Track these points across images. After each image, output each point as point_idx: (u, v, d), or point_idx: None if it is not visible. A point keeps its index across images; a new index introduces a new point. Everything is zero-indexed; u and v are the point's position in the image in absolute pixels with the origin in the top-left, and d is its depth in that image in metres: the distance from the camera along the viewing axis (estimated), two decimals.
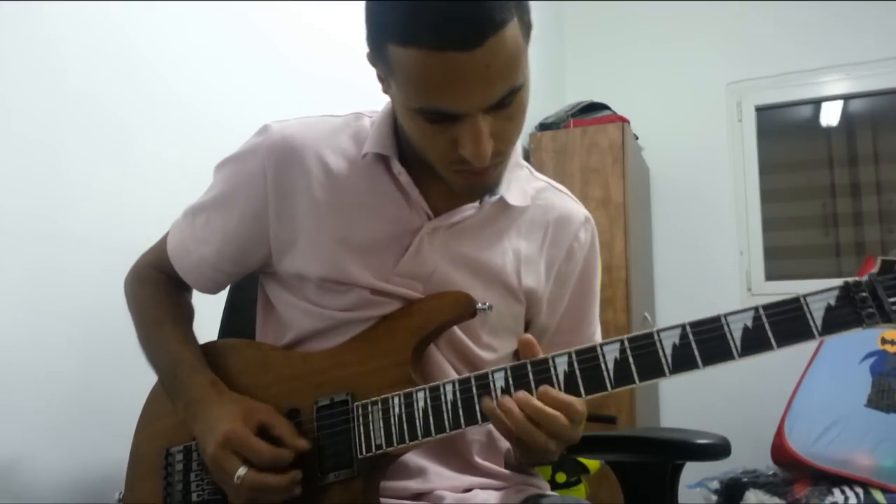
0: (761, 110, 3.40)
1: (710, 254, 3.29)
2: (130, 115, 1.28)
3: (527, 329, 0.99)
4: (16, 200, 1.08)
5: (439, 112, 0.73)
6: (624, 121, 2.96)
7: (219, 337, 1.15)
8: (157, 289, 1.00)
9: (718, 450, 1.07)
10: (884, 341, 2.34)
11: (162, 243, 1.00)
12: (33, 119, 1.11)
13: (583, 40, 3.69)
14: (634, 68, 3.53)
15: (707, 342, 0.72)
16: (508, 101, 0.76)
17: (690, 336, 0.73)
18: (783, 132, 3.46)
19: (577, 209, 1.00)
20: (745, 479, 2.34)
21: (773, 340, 0.70)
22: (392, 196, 0.89)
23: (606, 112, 3.05)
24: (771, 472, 2.40)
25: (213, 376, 0.90)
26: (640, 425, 2.72)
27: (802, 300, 0.71)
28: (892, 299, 0.69)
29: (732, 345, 0.71)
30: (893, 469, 2.14)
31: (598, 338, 1.03)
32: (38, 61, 1.12)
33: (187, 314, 1.01)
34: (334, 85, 1.76)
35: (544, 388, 0.75)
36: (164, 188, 1.30)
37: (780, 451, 2.33)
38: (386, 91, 0.83)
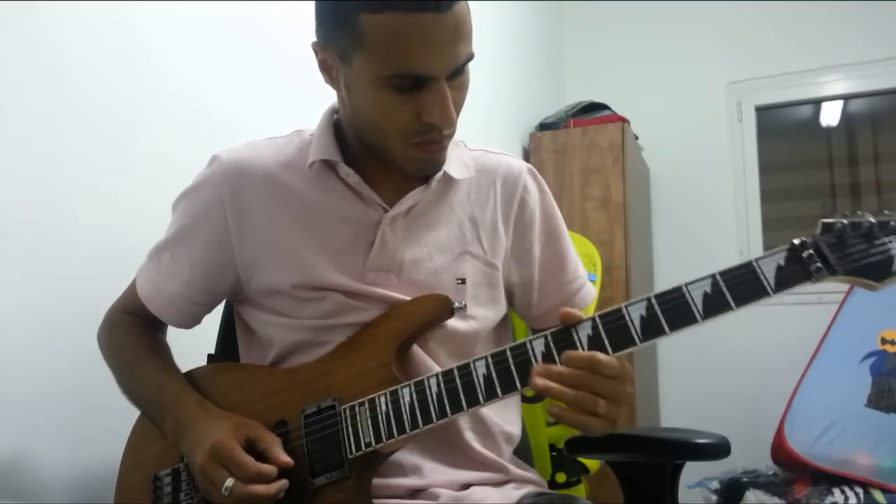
0: (761, 110, 3.40)
1: (710, 254, 3.29)
2: (130, 116, 1.28)
3: (512, 293, 1.02)
4: (15, 201, 1.08)
5: (411, 75, 0.78)
6: (624, 121, 2.96)
7: (214, 357, 1.15)
8: (131, 330, 1.01)
9: (718, 449, 1.07)
10: (884, 341, 2.34)
11: (131, 289, 1.02)
12: (33, 120, 1.11)
13: (583, 40, 3.69)
14: (634, 68, 3.53)
15: (672, 310, 0.77)
16: (463, 70, 0.83)
17: (656, 306, 0.77)
18: (783, 132, 3.46)
19: (516, 163, 1.04)
20: (745, 479, 2.34)
21: (731, 302, 0.75)
22: (346, 197, 0.93)
23: (606, 112, 3.06)
24: (771, 472, 2.40)
25: (199, 396, 0.91)
26: (640, 425, 2.72)
27: (754, 263, 0.77)
28: (835, 255, 0.75)
29: (695, 309, 0.76)
30: (893, 469, 2.14)
31: (581, 274, 1.06)
32: (37, 62, 1.12)
33: (164, 350, 1.02)
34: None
35: (566, 353, 0.76)
36: (163, 189, 1.29)
37: (780, 451, 2.33)
38: (332, 80, 0.88)
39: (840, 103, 3.36)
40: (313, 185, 0.93)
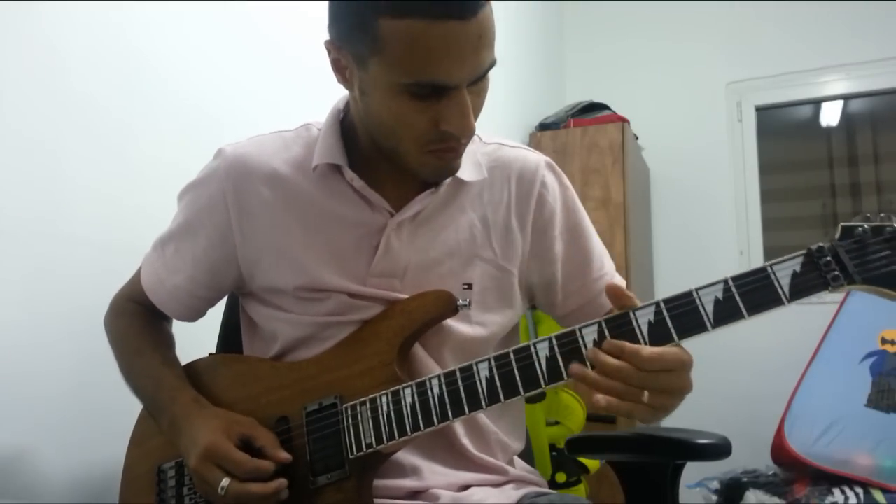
0: (761, 110, 3.40)
1: (710, 254, 3.29)
2: (130, 116, 1.28)
3: (533, 294, 0.99)
4: (16, 201, 1.08)
5: (431, 84, 0.75)
6: (624, 121, 2.96)
7: (217, 351, 1.16)
8: (135, 319, 1.00)
9: (719, 450, 1.07)
10: (884, 341, 2.34)
11: (136, 278, 1.02)
12: (33, 120, 1.11)
13: (583, 40, 3.69)
14: (634, 68, 3.53)
15: (681, 316, 0.74)
16: (483, 76, 0.79)
17: (665, 312, 0.75)
18: (783, 132, 3.45)
19: (533, 156, 0.99)
20: (745, 479, 2.34)
21: (743, 310, 0.72)
22: (352, 200, 0.91)
23: (606, 112, 3.06)
24: (771, 472, 2.39)
25: (195, 393, 0.91)
26: (641, 425, 2.71)
27: (769, 269, 0.73)
28: (854, 262, 0.71)
29: (705, 317, 0.73)
30: (893, 469, 2.14)
31: (608, 269, 1.00)
32: (37, 62, 1.12)
33: (167, 341, 1.02)
34: (334, 84, 1.76)
35: (608, 341, 0.74)
36: (163, 189, 1.29)
37: (780, 451, 2.33)
38: (345, 80, 0.85)
39: (840, 103, 3.36)
40: (318, 187, 0.91)
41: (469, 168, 0.93)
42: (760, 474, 2.39)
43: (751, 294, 0.73)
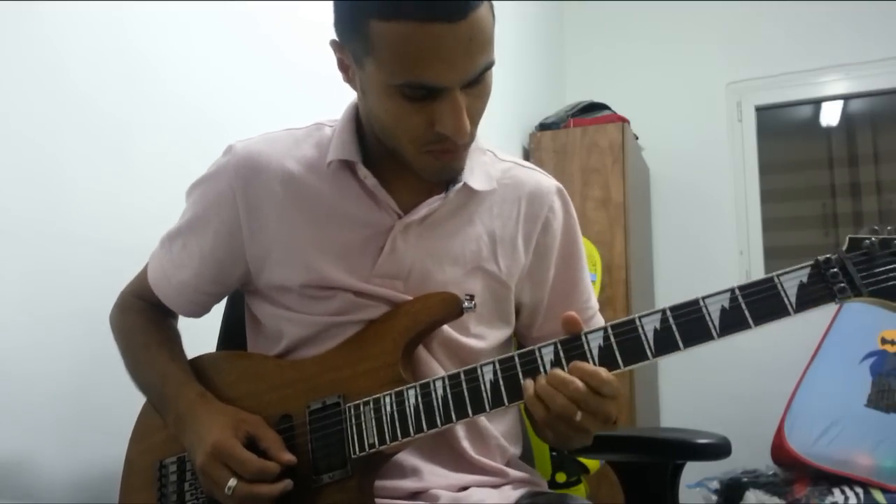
0: (761, 110, 3.40)
1: (710, 254, 3.29)
2: (130, 116, 1.28)
3: (518, 312, 1.00)
4: (15, 201, 1.08)
5: (422, 86, 0.75)
6: (624, 121, 2.96)
7: (217, 348, 1.16)
8: (141, 316, 1.01)
9: (719, 450, 1.07)
10: (884, 341, 2.34)
11: (143, 274, 1.02)
12: (33, 119, 1.11)
13: (583, 40, 3.69)
14: (634, 68, 3.53)
15: (687, 324, 0.75)
16: (481, 79, 0.79)
17: (671, 320, 0.75)
18: (783, 132, 3.45)
19: (547, 181, 1.01)
20: (745, 479, 2.34)
21: (749, 319, 0.73)
22: (360, 199, 0.91)
23: (606, 112, 3.05)
24: (771, 472, 2.40)
25: (201, 388, 0.91)
26: (640, 425, 2.72)
27: (776, 279, 0.73)
28: (861, 274, 0.71)
29: (711, 325, 0.74)
30: (893, 469, 2.14)
31: (593, 304, 1.03)
32: (37, 61, 1.12)
33: (173, 337, 1.02)
34: (333, 84, 1.76)
35: (574, 362, 0.75)
36: (163, 189, 1.30)
37: (780, 451, 2.33)
38: (349, 80, 0.86)
39: (840, 103, 3.36)
40: (328, 184, 0.91)
41: (480, 178, 0.93)
42: (760, 474, 2.39)
43: (757, 304, 0.73)
